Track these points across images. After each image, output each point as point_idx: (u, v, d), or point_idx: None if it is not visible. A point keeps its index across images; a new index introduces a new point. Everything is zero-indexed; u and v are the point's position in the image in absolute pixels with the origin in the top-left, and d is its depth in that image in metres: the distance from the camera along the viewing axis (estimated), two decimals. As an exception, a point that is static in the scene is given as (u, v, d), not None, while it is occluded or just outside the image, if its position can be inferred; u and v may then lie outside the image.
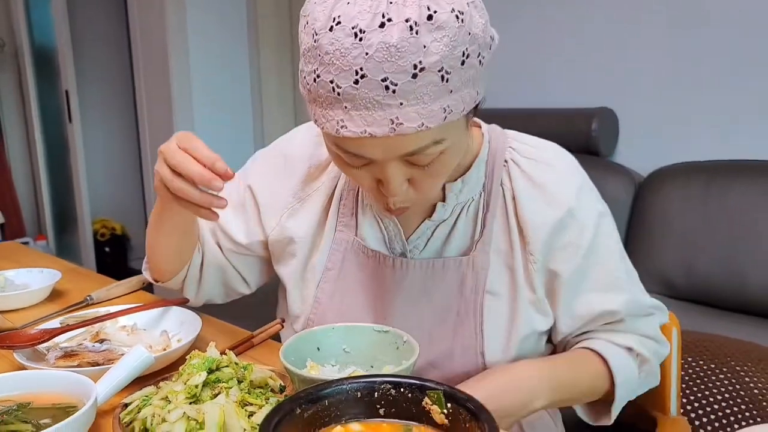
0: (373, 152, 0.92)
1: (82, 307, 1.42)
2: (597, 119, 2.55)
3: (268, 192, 1.24)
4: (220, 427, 0.85)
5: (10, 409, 0.92)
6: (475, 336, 1.10)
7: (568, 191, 1.10)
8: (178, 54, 3.80)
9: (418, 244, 1.15)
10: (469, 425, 0.73)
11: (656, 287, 2.37)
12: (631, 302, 1.13)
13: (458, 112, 0.90)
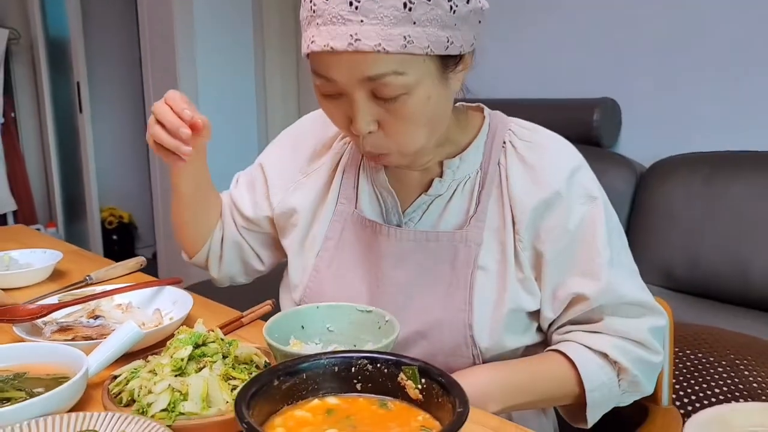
0: (338, 73, 0.98)
1: (81, 286, 1.45)
2: (599, 109, 2.55)
3: (278, 169, 1.34)
4: (203, 399, 0.88)
5: (7, 378, 0.96)
6: (464, 308, 1.12)
7: (558, 174, 1.12)
8: (184, 49, 3.83)
9: (414, 217, 1.19)
10: (441, 400, 0.75)
11: (657, 279, 2.36)
12: (606, 292, 1.11)
13: (420, 47, 0.95)
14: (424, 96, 1.00)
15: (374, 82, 0.97)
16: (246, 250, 1.41)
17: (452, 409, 0.71)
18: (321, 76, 1.01)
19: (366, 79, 0.97)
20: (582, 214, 1.12)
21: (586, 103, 2.60)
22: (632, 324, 1.14)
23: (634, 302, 1.13)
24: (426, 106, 1.02)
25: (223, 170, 4.10)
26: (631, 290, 1.13)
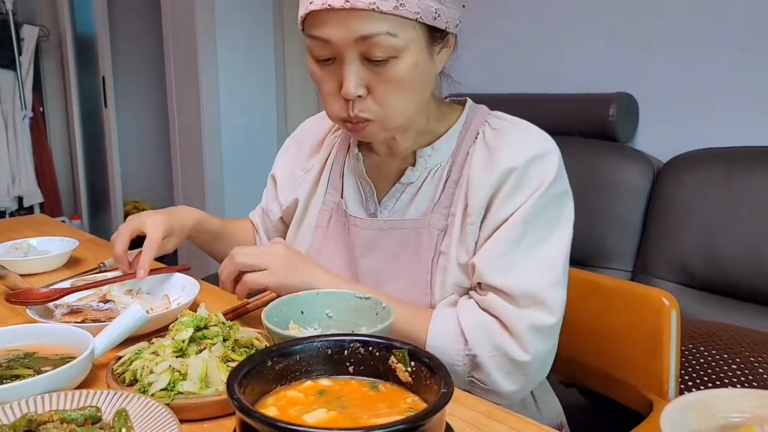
0: (333, 31, 1.03)
1: (94, 273, 1.49)
2: (615, 104, 2.54)
3: (284, 173, 1.44)
4: (201, 379, 0.91)
5: (17, 356, 1.01)
6: (426, 293, 1.17)
7: (515, 156, 1.13)
8: (206, 43, 3.86)
9: (388, 205, 1.24)
10: (429, 382, 0.77)
11: (674, 276, 2.34)
12: (494, 268, 1.11)
13: (411, 11, 1.02)
14: (411, 61, 1.06)
15: (366, 41, 1.02)
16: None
17: (438, 390, 0.72)
18: (316, 39, 1.06)
19: (359, 38, 1.02)
20: (524, 199, 1.12)
21: (602, 98, 2.58)
22: (512, 311, 1.09)
23: (525, 293, 1.09)
24: (413, 73, 1.07)
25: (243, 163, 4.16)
26: (528, 279, 1.10)
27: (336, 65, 1.08)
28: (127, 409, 0.85)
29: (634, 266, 2.42)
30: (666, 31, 2.55)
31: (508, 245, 1.11)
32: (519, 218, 1.11)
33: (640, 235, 2.44)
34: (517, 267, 1.10)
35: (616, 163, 2.48)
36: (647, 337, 1.33)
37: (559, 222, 1.14)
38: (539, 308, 1.10)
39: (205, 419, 0.89)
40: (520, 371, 1.10)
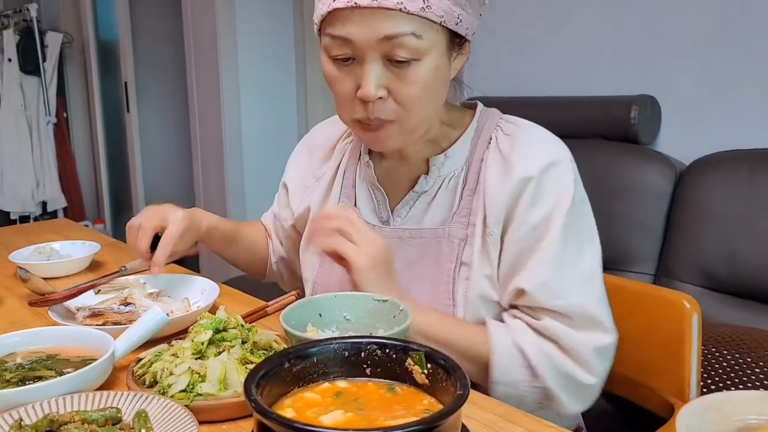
0: (358, 30, 1.02)
1: (116, 276, 1.50)
2: (637, 106, 2.52)
3: (296, 180, 1.42)
4: (220, 381, 0.91)
5: (39, 358, 1.02)
6: (448, 303, 1.15)
7: (531, 163, 1.12)
8: (227, 48, 3.89)
9: (401, 213, 1.23)
10: (445, 384, 0.77)
11: (697, 279, 2.32)
12: (545, 291, 1.09)
13: (436, 14, 1.02)
14: (433, 65, 1.05)
15: (391, 42, 1.01)
16: (295, 261, 1.45)
17: (454, 392, 0.72)
18: (337, 38, 1.04)
19: (384, 38, 1.01)
20: (547, 209, 1.11)
21: (624, 100, 2.57)
22: (574, 335, 1.09)
23: (581, 312, 1.09)
24: (434, 76, 1.06)
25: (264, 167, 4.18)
26: (578, 297, 1.10)
27: (354, 65, 1.07)
28: (147, 410, 0.85)
29: (656, 270, 2.40)
30: (688, 33, 2.53)
31: (553, 265, 1.09)
32: (556, 236, 1.10)
33: (663, 238, 2.42)
34: (566, 287, 1.10)
35: (637, 165, 2.46)
36: (669, 341, 1.32)
37: (589, 232, 1.15)
38: (596, 328, 1.10)
39: (224, 421, 0.90)
40: (589, 393, 1.12)
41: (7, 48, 5.07)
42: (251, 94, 4.00)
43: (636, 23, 2.65)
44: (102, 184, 5.54)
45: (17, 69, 5.10)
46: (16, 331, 1.09)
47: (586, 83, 2.79)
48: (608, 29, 2.73)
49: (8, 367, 0.99)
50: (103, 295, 1.34)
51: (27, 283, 1.42)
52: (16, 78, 5.11)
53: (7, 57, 5.08)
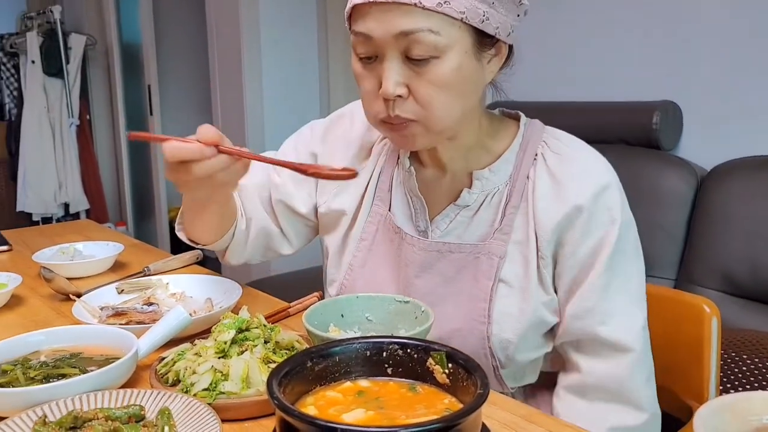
0: (375, 25, 1.02)
1: (139, 277, 1.52)
2: (659, 112, 2.52)
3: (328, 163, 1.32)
4: (243, 380, 0.92)
5: (63, 357, 1.03)
6: (483, 320, 1.13)
7: (583, 189, 1.11)
8: (250, 52, 3.90)
9: (440, 225, 1.19)
10: (466, 383, 0.77)
11: (718, 285, 2.31)
12: (592, 315, 1.11)
13: (456, 10, 0.99)
14: (454, 63, 1.03)
15: (407, 38, 1.00)
16: (276, 238, 1.38)
17: (474, 391, 0.73)
18: (358, 34, 1.05)
19: (400, 33, 1.00)
20: (597, 239, 1.11)
21: (646, 106, 2.57)
22: (617, 373, 1.12)
23: (624, 340, 1.11)
24: (456, 75, 1.04)
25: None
26: (623, 324, 1.12)
27: (377, 63, 1.06)
28: (170, 408, 0.86)
29: (677, 275, 2.40)
30: (710, 39, 2.52)
31: (599, 293, 1.11)
32: (602, 266, 1.10)
33: (684, 243, 2.41)
34: (611, 314, 1.11)
35: (659, 171, 2.46)
36: (688, 344, 1.32)
37: (635, 254, 1.15)
38: (640, 363, 1.12)
39: (246, 419, 0.90)
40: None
41: (31, 50, 5.11)
42: (274, 96, 4.01)
43: (659, 30, 2.65)
44: (124, 186, 5.58)
45: (40, 71, 5.14)
46: (40, 330, 1.11)
47: (609, 89, 2.78)
48: (631, 36, 2.72)
49: (32, 364, 1.00)
50: (126, 295, 1.36)
51: (51, 282, 1.44)
52: (39, 80, 5.15)
53: (30, 59, 5.12)
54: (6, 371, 0.98)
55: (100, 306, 1.28)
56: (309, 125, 1.40)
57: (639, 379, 1.12)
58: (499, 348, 1.13)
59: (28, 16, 5.35)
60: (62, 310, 1.37)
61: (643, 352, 1.12)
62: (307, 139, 1.37)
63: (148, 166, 5.22)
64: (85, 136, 5.47)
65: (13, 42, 5.29)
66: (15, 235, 2.07)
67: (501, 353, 1.13)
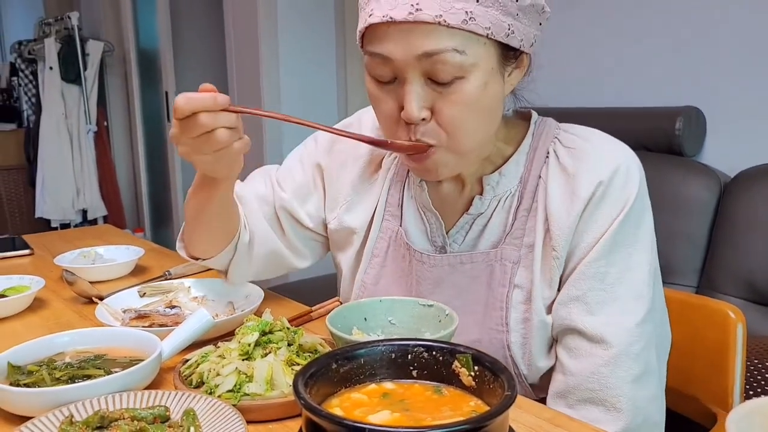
0: (395, 47, 0.94)
1: (160, 280, 1.52)
2: (682, 118, 2.50)
3: (336, 181, 1.28)
4: (267, 381, 0.92)
5: (88, 358, 1.04)
6: (501, 329, 1.09)
7: (596, 177, 1.04)
8: (268, 59, 3.92)
9: (458, 238, 1.15)
10: (492, 386, 0.77)
11: (741, 292, 2.29)
12: (577, 303, 1.05)
13: (482, 26, 0.93)
14: (480, 82, 0.97)
15: (431, 59, 0.93)
16: (283, 252, 1.33)
17: (501, 393, 0.72)
18: (375, 55, 0.98)
19: (423, 55, 0.93)
20: (603, 222, 1.04)
21: (668, 112, 2.55)
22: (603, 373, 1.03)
23: (597, 335, 1.03)
24: (482, 94, 0.98)
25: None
26: (616, 318, 1.03)
27: (397, 85, 0.99)
28: (195, 408, 0.86)
29: (699, 282, 2.38)
30: (734, 44, 2.50)
31: (592, 281, 1.04)
32: (600, 249, 1.03)
33: (706, 250, 2.39)
34: (602, 305, 1.04)
35: (682, 177, 2.44)
36: (713, 351, 1.31)
37: (644, 245, 1.06)
38: (625, 362, 1.02)
39: (271, 421, 0.90)
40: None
41: (49, 56, 5.16)
42: (293, 101, 4.01)
43: (682, 35, 2.63)
44: (142, 193, 5.62)
45: (58, 77, 5.19)
46: (64, 331, 1.11)
47: (631, 94, 2.77)
48: (654, 40, 2.71)
49: (57, 365, 1.00)
50: (148, 298, 1.37)
51: (73, 285, 1.45)
52: (57, 86, 5.20)
53: (48, 65, 5.17)
54: (32, 372, 0.98)
55: (123, 309, 1.29)
56: (313, 136, 1.35)
57: (622, 379, 1.01)
58: (520, 355, 1.09)
59: (46, 22, 5.40)
60: (85, 313, 1.38)
61: (632, 351, 1.02)
62: (312, 150, 1.32)
63: (166, 173, 5.24)
64: (103, 142, 5.52)
65: (32, 48, 5.35)
66: (36, 239, 2.09)
67: (522, 361, 1.10)
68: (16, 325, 1.34)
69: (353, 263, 1.26)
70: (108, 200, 5.51)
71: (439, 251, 1.16)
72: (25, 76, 5.49)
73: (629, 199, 1.04)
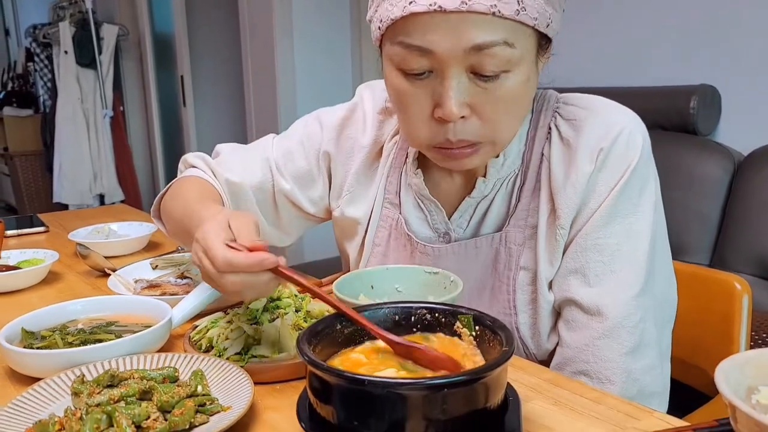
0: (441, 39, 0.87)
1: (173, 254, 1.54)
2: (697, 96, 2.49)
3: (341, 171, 1.24)
4: (274, 344, 0.94)
5: (100, 325, 1.06)
6: (509, 312, 1.07)
7: (599, 140, 1.00)
8: (283, 42, 3.92)
9: (461, 223, 1.12)
10: (492, 344, 0.78)
11: (752, 269, 2.28)
12: (574, 275, 1.02)
13: (531, 17, 0.88)
14: (524, 76, 0.92)
15: (480, 53, 0.88)
16: (268, 235, 1.30)
17: (500, 349, 0.74)
18: (413, 48, 0.90)
19: (472, 48, 0.87)
20: (603, 189, 1.01)
21: (683, 90, 2.54)
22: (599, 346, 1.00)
23: (593, 306, 1.01)
24: (524, 88, 0.94)
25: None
26: (613, 290, 1.00)
27: (432, 80, 0.92)
28: (203, 369, 0.88)
29: (711, 260, 2.38)
30: (750, 22, 2.49)
31: (590, 252, 1.01)
32: (597, 219, 1.00)
33: (718, 228, 2.39)
34: (600, 276, 1.01)
35: (696, 156, 2.44)
36: (719, 321, 1.32)
37: (648, 216, 1.02)
38: (620, 334, 1.00)
39: (278, 382, 0.92)
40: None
41: (64, 40, 5.16)
42: (308, 85, 4.02)
43: (697, 13, 2.62)
44: (159, 177, 5.65)
45: (73, 61, 5.20)
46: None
47: (646, 73, 2.76)
48: (669, 19, 2.70)
49: (70, 331, 1.03)
50: (161, 271, 1.39)
51: (87, 259, 1.47)
52: (72, 70, 5.21)
53: (63, 49, 5.17)
54: (45, 337, 1.01)
55: (135, 279, 1.31)
56: (317, 117, 1.28)
57: (616, 351, 0.99)
58: (529, 336, 1.08)
59: (60, 6, 5.39)
60: (98, 284, 1.40)
61: (628, 324, 0.99)
62: (316, 135, 1.26)
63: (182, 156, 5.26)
64: (119, 127, 5.54)
65: (46, 32, 5.35)
66: (51, 218, 2.12)
67: (531, 342, 1.08)
68: (31, 296, 1.36)
69: (358, 253, 1.25)
70: (125, 185, 5.54)
71: (442, 238, 1.13)
72: (41, 60, 5.52)
73: (630, 165, 1.00)
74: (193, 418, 0.77)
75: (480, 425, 0.70)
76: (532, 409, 0.83)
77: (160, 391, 0.81)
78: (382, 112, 1.22)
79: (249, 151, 1.30)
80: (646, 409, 0.83)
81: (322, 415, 0.72)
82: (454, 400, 0.67)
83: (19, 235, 1.90)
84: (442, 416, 0.67)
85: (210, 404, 0.81)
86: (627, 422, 0.80)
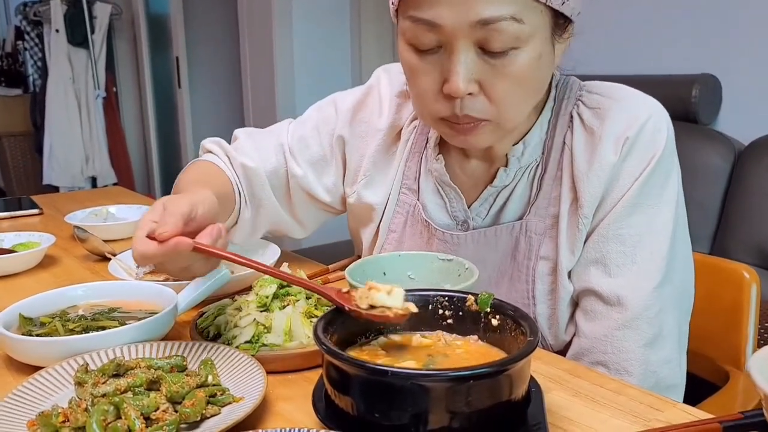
0: (447, 13, 0.87)
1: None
2: (698, 86, 2.48)
3: (356, 154, 1.23)
4: (285, 333, 0.91)
5: (102, 311, 1.02)
6: (527, 302, 1.06)
7: (623, 135, 1.00)
8: (281, 23, 3.88)
9: (480, 212, 1.10)
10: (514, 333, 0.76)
11: (753, 259, 2.28)
12: (596, 265, 1.02)
13: None
14: (535, 53, 0.91)
15: (486, 27, 0.87)
16: (287, 224, 1.31)
17: (524, 340, 0.71)
18: (421, 21, 0.90)
19: (478, 22, 0.87)
20: (626, 180, 1.00)
21: (685, 79, 2.53)
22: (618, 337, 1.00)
23: (613, 296, 1.00)
24: (536, 66, 0.92)
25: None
26: (634, 283, 1.00)
27: (441, 55, 0.92)
28: (212, 359, 0.86)
29: (711, 248, 2.38)
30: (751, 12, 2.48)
31: (611, 243, 1.00)
32: (620, 211, 1.00)
33: (719, 217, 2.39)
34: (621, 268, 1.00)
35: (696, 145, 2.44)
36: (727, 310, 1.31)
37: (671, 208, 1.02)
38: (639, 325, 0.99)
39: (290, 371, 0.89)
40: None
41: (55, 18, 5.02)
42: (306, 67, 3.98)
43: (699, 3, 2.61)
44: (152, 160, 5.60)
45: (65, 40, 5.07)
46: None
47: (648, 62, 2.75)
48: (671, 8, 2.68)
49: (71, 317, 0.99)
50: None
51: (85, 242, 1.44)
52: (64, 49, 5.09)
53: (54, 27, 5.03)
54: (44, 323, 0.97)
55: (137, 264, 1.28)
56: (332, 101, 1.27)
57: (635, 342, 0.99)
58: (547, 327, 1.07)
59: (51, -18, 5.29)
60: (97, 269, 1.37)
61: (647, 315, 0.99)
62: (331, 119, 1.25)
63: (177, 140, 5.22)
64: (112, 108, 5.47)
65: (37, 10, 5.19)
66: (45, 200, 2.08)
67: (549, 333, 1.07)
68: (27, 281, 1.33)
69: (372, 238, 1.23)
70: (118, 167, 5.47)
71: (460, 225, 1.12)
72: (31, 38, 5.38)
73: (655, 155, 0.99)
74: (204, 409, 0.75)
75: (504, 418, 0.68)
76: (553, 400, 0.81)
77: (169, 381, 0.78)
78: (399, 95, 1.20)
79: (265, 136, 1.29)
80: (669, 400, 0.82)
81: (340, 406, 0.69)
82: (478, 392, 0.65)
83: (12, 217, 1.86)
84: (467, 409, 0.65)
85: (221, 395, 0.78)
86: (649, 413, 0.78)
